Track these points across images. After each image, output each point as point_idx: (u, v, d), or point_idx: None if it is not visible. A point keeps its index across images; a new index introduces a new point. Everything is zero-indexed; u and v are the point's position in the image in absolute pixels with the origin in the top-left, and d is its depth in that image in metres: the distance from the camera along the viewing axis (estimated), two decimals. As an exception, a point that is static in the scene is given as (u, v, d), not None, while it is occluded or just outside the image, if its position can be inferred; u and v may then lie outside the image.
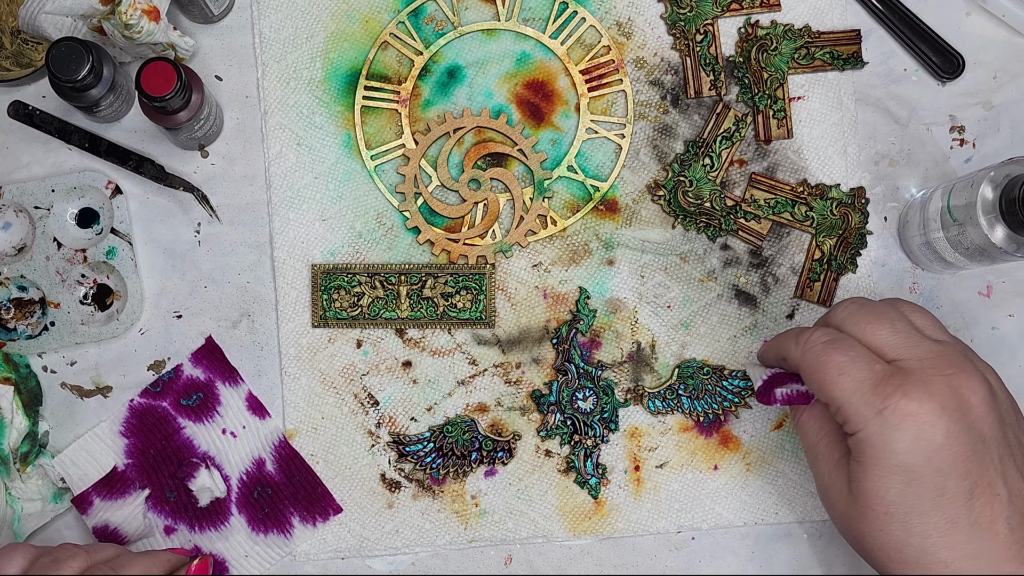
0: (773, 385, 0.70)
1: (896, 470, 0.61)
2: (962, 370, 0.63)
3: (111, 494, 0.77)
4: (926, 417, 0.61)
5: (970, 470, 0.61)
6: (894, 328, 0.65)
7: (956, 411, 0.61)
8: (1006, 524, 0.61)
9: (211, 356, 0.78)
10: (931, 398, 0.61)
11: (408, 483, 0.78)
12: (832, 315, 0.68)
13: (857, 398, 0.62)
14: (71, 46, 0.71)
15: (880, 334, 0.65)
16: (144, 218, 0.79)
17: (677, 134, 0.80)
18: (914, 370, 0.62)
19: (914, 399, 0.61)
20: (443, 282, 0.79)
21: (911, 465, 0.61)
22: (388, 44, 0.80)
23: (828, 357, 0.64)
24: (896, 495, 0.62)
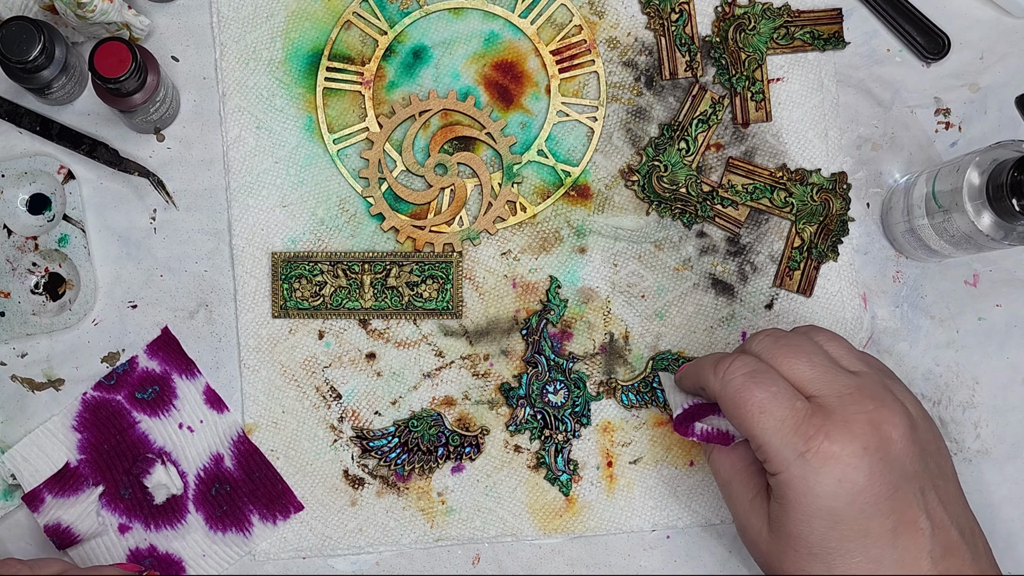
0: (693, 417, 0.69)
1: (820, 513, 0.61)
2: (883, 404, 0.63)
3: (63, 491, 0.75)
4: (848, 459, 0.61)
5: (893, 508, 0.62)
6: (811, 362, 0.64)
7: (878, 450, 0.61)
8: (929, 558, 0.62)
9: (167, 348, 0.77)
10: (853, 439, 0.61)
11: (372, 480, 0.77)
12: (749, 346, 0.67)
13: (778, 439, 0.62)
14: (21, 25, 0.70)
15: (798, 368, 0.64)
16: (98, 204, 0.77)
17: (651, 117, 0.79)
18: (835, 409, 0.62)
19: (836, 441, 0.61)
20: (408, 271, 0.77)
21: (834, 508, 0.61)
22: (351, 23, 0.78)
23: (749, 393, 0.63)
24: (819, 537, 0.62)
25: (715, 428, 0.69)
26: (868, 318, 0.79)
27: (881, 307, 0.79)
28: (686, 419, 0.69)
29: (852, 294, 0.79)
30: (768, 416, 0.62)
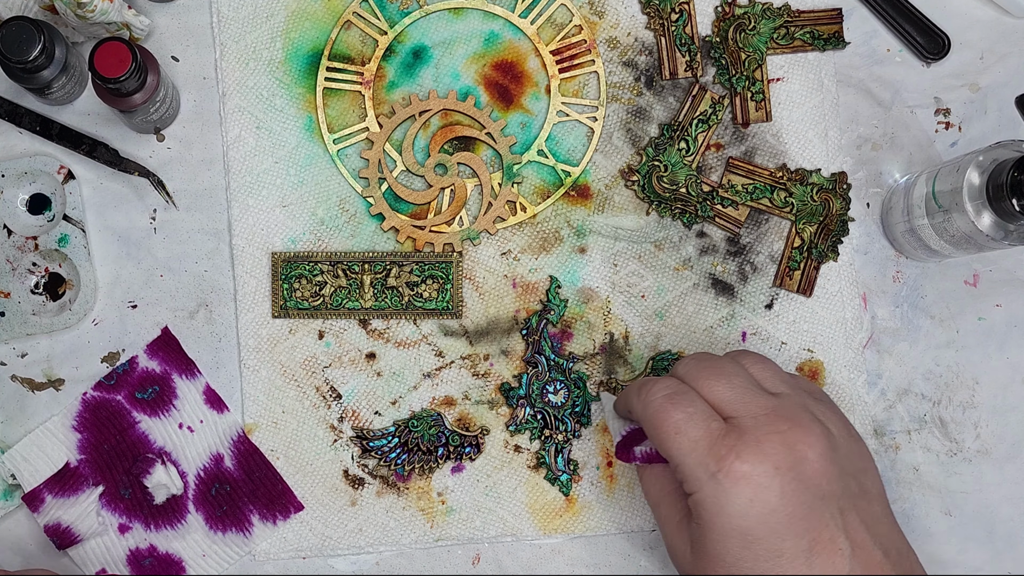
0: (631, 443, 0.71)
1: (732, 533, 0.62)
2: (798, 424, 0.63)
3: (63, 491, 0.76)
4: (760, 479, 0.61)
5: (808, 528, 0.62)
6: (731, 383, 0.65)
7: (790, 470, 0.62)
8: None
9: (167, 348, 0.78)
10: (764, 459, 0.61)
11: (372, 480, 0.78)
12: (675, 369, 0.68)
13: (692, 459, 0.63)
14: (21, 25, 0.70)
15: (717, 389, 0.65)
16: (98, 204, 0.78)
17: (651, 117, 0.80)
18: (748, 429, 0.63)
19: (747, 461, 0.61)
20: (408, 271, 0.78)
21: (746, 528, 0.61)
22: (351, 23, 0.79)
23: (666, 414, 0.64)
24: (734, 558, 0.62)
25: (652, 449, 0.69)
26: (868, 318, 0.80)
27: (881, 307, 0.80)
28: (626, 445, 0.71)
29: (852, 294, 0.80)
30: (683, 436, 0.63)
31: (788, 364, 0.79)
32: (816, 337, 0.80)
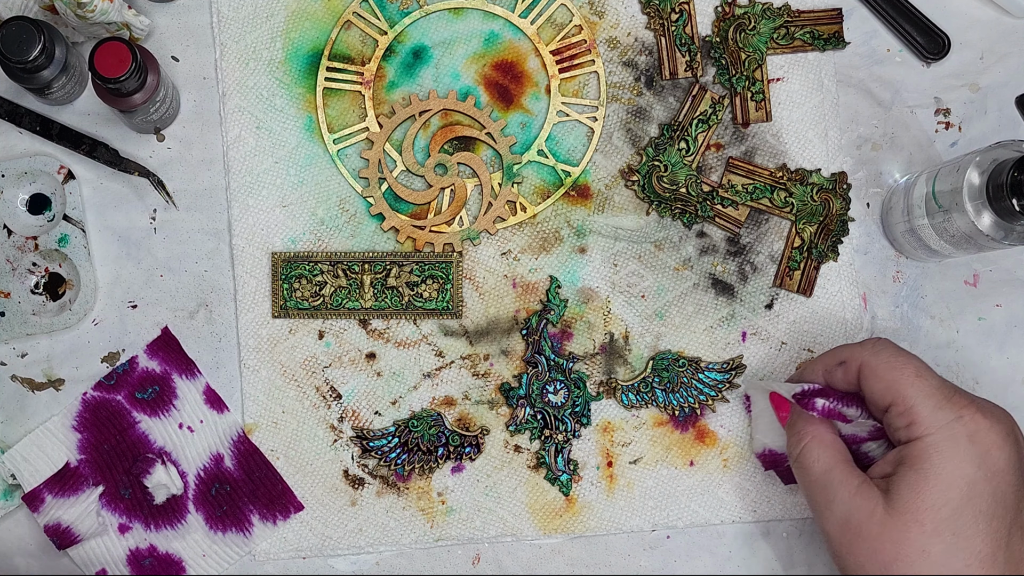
0: (813, 395, 0.71)
1: (959, 482, 0.63)
2: (1005, 412, 0.67)
3: (63, 491, 0.77)
4: (995, 438, 0.64)
5: (1015, 504, 0.64)
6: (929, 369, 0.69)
7: (1015, 444, 0.65)
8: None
9: (167, 348, 0.78)
10: (998, 422, 0.65)
11: (372, 480, 0.78)
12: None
13: (932, 403, 0.65)
14: (22, 25, 0.71)
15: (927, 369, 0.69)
16: (98, 204, 0.79)
17: (651, 117, 0.80)
18: (978, 399, 0.66)
19: (987, 418, 0.65)
20: (408, 271, 0.79)
21: (974, 480, 0.63)
22: (351, 23, 0.80)
23: (906, 359, 0.67)
24: (951, 511, 0.63)
25: (835, 407, 0.71)
26: (868, 318, 0.80)
27: (881, 307, 0.81)
28: (807, 397, 0.71)
29: (852, 294, 0.80)
30: (924, 381, 0.66)
31: (788, 364, 0.80)
32: (816, 337, 0.80)
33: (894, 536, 0.64)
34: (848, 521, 0.66)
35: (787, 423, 0.72)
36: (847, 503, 0.66)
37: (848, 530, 0.66)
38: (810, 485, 0.69)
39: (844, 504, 0.67)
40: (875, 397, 0.68)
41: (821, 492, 0.68)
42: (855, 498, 0.66)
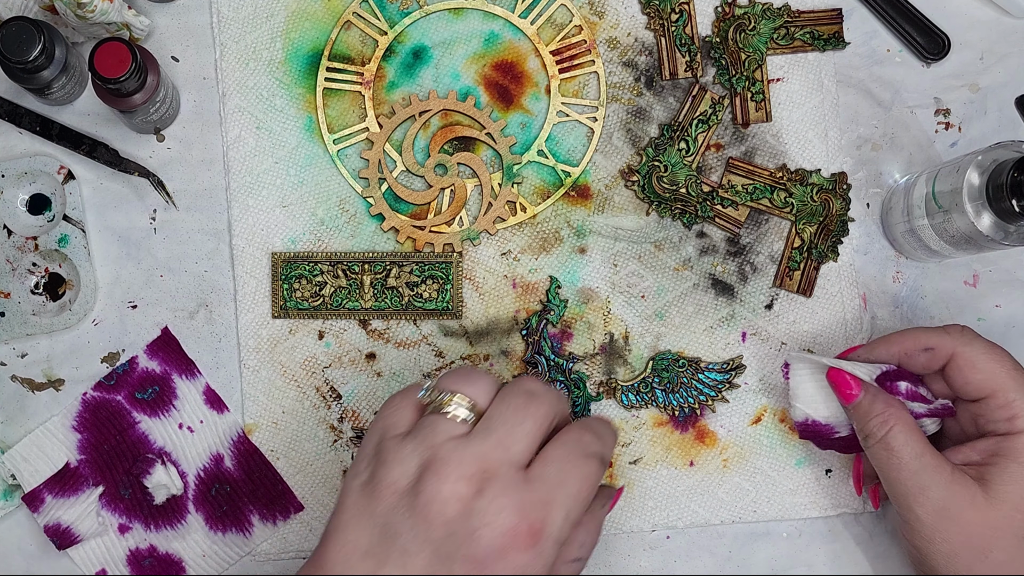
0: (894, 378, 0.71)
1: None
2: None
3: (63, 491, 0.77)
4: None
5: None
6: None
7: None
8: None
9: (167, 348, 0.78)
10: None
11: (372, 480, 0.78)
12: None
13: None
14: (21, 26, 0.71)
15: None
16: (98, 204, 0.79)
17: (651, 117, 0.81)
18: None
19: None
20: (408, 271, 0.79)
21: None
22: (351, 24, 0.80)
23: (1001, 351, 0.69)
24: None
25: (918, 391, 0.71)
26: (868, 318, 0.81)
27: (881, 307, 0.81)
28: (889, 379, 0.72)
29: (852, 294, 0.81)
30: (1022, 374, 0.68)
31: (788, 364, 0.80)
32: (816, 337, 0.80)
33: (995, 523, 0.67)
34: (947, 508, 0.68)
35: (856, 402, 0.71)
36: (944, 489, 0.68)
37: (946, 516, 0.68)
38: (899, 469, 0.69)
39: (941, 490, 0.68)
40: (969, 387, 0.69)
41: (913, 478, 0.69)
42: (952, 485, 0.68)
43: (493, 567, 0.57)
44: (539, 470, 0.59)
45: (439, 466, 0.58)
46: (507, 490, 0.58)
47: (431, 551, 0.57)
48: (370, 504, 0.59)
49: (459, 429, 0.59)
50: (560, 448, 0.60)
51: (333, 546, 0.59)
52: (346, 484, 0.60)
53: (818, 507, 0.79)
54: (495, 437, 0.59)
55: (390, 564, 0.57)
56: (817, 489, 0.79)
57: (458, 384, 0.61)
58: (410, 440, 0.59)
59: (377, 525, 0.58)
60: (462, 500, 0.57)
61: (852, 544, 0.80)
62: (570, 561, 0.62)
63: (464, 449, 0.58)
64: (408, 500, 0.58)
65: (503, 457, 0.58)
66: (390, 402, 0.62)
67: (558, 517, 0.58)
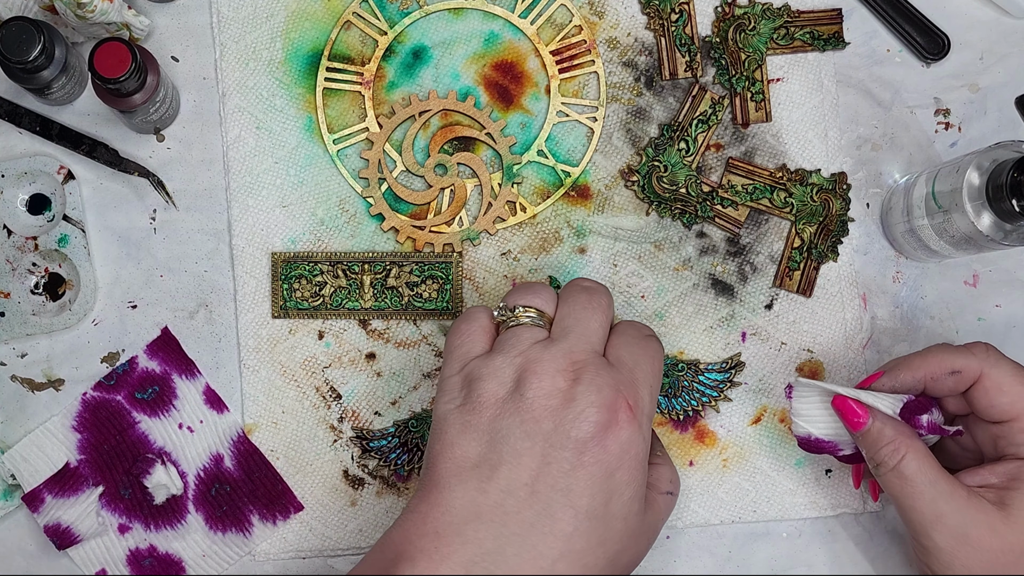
0: (916, 410, 0.70)
1: None
2: None
3: (63, 491, 0.77)
4: None
5: None
6: None
7: None
8: None
9: (167, 348, 0.79)
10: None
11: (372, 480, 0.79)
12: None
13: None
14: (21, 26, 0.71)
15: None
16: (97, 204, 0.79)
17: (651, 117, 0.81)
18: None
19: None
20: (408, 271, 0.79)
21: None
22: (351, 24, 0.80)
23: (1020, 368, 0.69)
24: None
25: (938, 422, 0.71)
26: (868, 318, 0.81)
27: (881, 307, 0.81)
28: (911, 414, 0.70)
29: (852, 294, 0.81)
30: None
31: (788, 365, 0.80)
32: (816, 337, 0.81)
33: (1014, 548, 0.66)
34: (965, 534, 0.67)
35: (864, 431, 0.70)
36: (961, 515, 0.67)
37: (964, 543, 0.67)
38: (914, 497, 0.68)
39: (959, 516, 0.67)
40: (994, 410, 0.69)
41: (928, 505, 0.68)
42: (969, 510, 0.67)
43: (602, 445, 0.62)
44: (614, 355, 0.66)
45: (534, 366, 0.63)
46: (600, 373, 0.63)
47: (542, 445, 0.62)
48: (472, 419, 0.63)
49: (539, 335, 0.66)
50: (622, 336, 0.67)
51: (443, 465, 0.63)
52: (439, 411, 0.65)
53: (818, 507, 0.80)
54: (574, 334, 0.65)
55: (504, 467, 0.62)
56: (817, 489, 0.80)
57: (524, 298, 0.67)
58: (497, 355, 0.65)
59: (484, 435, 0.63)
60: (563, 391, 0.63)
61: (852, 544, 0.80)
62: (664, 493, 0.67)
63: (551, 348, 0.64)
64: (512, 405, 0.63)
65: (586, 348, 0.65)
66: (459, 330, 0.67)
67: (644, 393, 0.65)
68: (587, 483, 0.61)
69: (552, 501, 0.61)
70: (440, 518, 0.61)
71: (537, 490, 0.61)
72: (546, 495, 0.61)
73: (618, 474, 0.62)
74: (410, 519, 0.63)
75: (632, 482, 0.63)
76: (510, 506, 0.61)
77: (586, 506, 0.61)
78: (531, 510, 0.61)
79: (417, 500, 0.63)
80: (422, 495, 0.63)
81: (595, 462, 0.62)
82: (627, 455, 0.62)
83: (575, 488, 0.61)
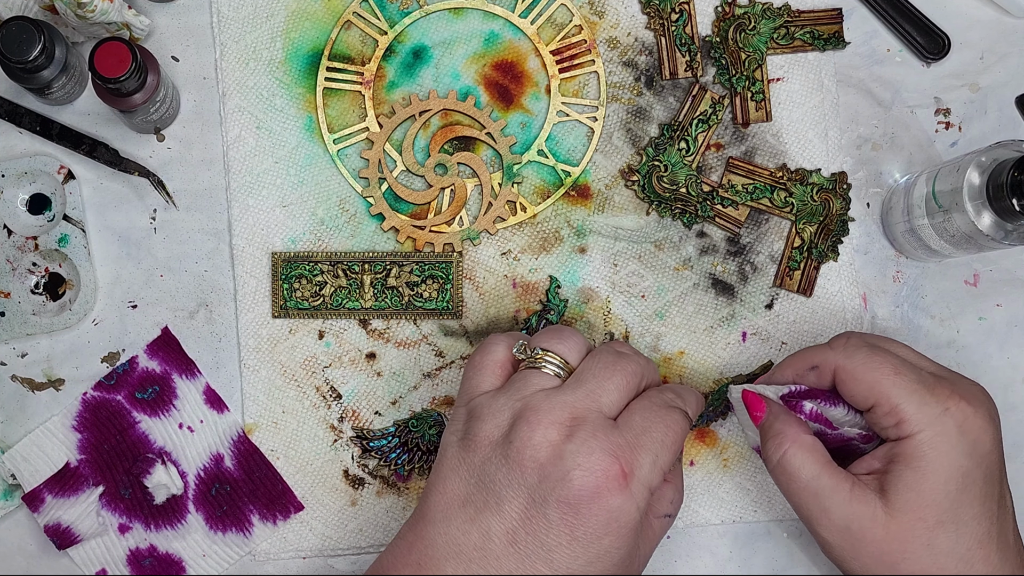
0: (800, 397, 0.70)
1: (955, 473, 0.64)
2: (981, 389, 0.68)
3: (63, 491, 0.77)
4: (980, 422, 0.65)
5: (999, 479, 0.66)
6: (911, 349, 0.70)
7: (996, 421, 0.66)
8: (1013, 534, 0.65)
9: (167, 348, 0.79)
10: (980, 405, 0.65)
11: (372, 480, 0.79)
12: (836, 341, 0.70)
13: (917, 398, 0.65)
14: (22, 25, 0.71)
15: (903, 351, 0.69)
16: (98, 204, 0.79)
17: (651, 117, 0.81)
18: (955, 381, 0.66)
19: (970, 404, 0.65)
20: (408, 271, 0.79)
21: (968, 468, 0.64)
22: (351, 23, 0.80)
23: (881, 357, 0.66)
24: (951, 501, 0.64)
25: (820, 411, 0.69)
26: (868, 318, 0.81)
27: (881, 307, 0.81)
28: (794, 398, 0.70)
29: (852, 294, 0.81)
30: (903, 377, 0.65)
31: (788, 364, 0.81)
32: (816, 337, 0.81)
33: (900, 536, 0.64)
34: (849, 528, 0.66)
35: (760, 424, 0.70)
36: (845, 509, 0.66)
37: (850, 536, 0.66)
38: (798, 493, 0.67)
39: (841, 510, 0.66)
40: (856, 400, 0.67)
41: (813, 500, 0.67)
42: (852, 503, 0.65)
43: (588, 510, 0.60)
44: (625, 419, 0.64)
45: (530, 414, 0.62)
46: (596, 433, 0.61)
47: (526, 496, 0.61)
48: (467, 456, 0.63)
49: (550, 382, 0.65)
50: (643, 400, 0.65)
51: (434, 498, 0.64)
52: (444, 441, 0.66)
53: (818, 507, 0.80)
54: (585, 388, 0.64)
55: (488, 511, 0.61)
56: (817, 489, 0.80)
57: (550, 342, 0.66)
58: (502, 394, 0.64)
59: (474, 475, 0.62)
60: (553, 445, 0.61)
61: (852, 544, 0.80)
62: (661, 517, 0.66)
63: (554, 398, 0.63)
64: (502, 449, 0.62)
65: (592, 406, 0.63)
66: (472, 362, 0.67)
67: (646, 461, 0.62)
68: (568, 544, 0.61)
69: (531, 554, 0.61)
70: (424, 551, 0.62)
71: (517, 540, 0.61)
72: (526, 546, 0.61)
73: (605, 540, 0.61)
74: (399, 546, 0.64)
75: (620, 547, 0.62)
76: (490, 550, 0.61)
77: (566, 566, 0.61)
78: (510, 559, 0.61)
79: (407, 527, 0.65)
80: (411, 523, 0.64)
81: (579, 525, 0.60)
82: (614, 523, 0.61)
83: (555, 547, 0.61)
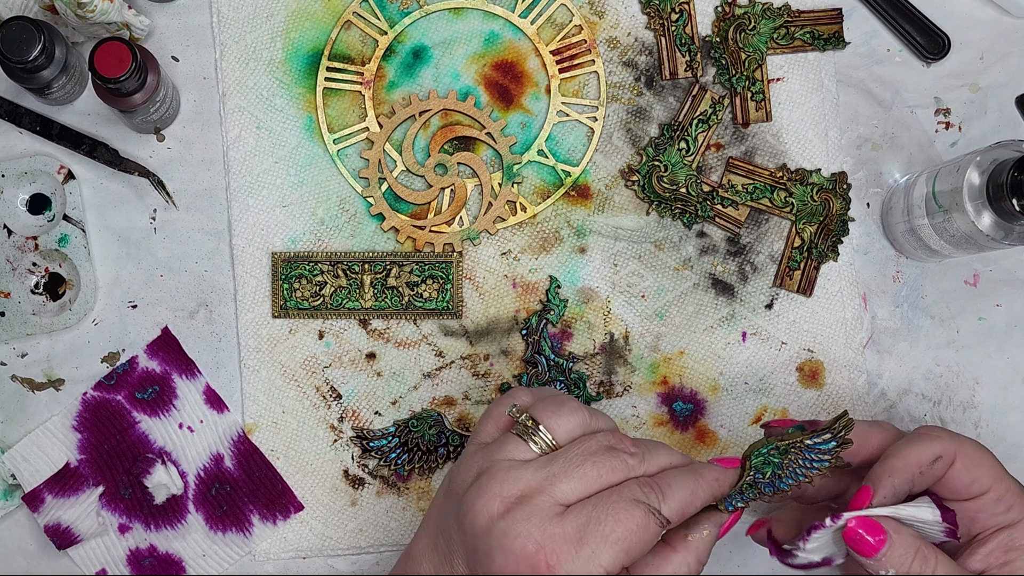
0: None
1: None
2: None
3: (63, 491, 0.78)
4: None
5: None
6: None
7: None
8: None
9: (167, 348, 0.79)
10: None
11: (372, 480, 0.79)
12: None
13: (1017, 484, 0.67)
14: (22, 25, 0.72)
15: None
16: (98, 204, 0.80)
17: (651, 117, 0.81)
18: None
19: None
20: (408, 271, 0.80)
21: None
22: (351, 23, 0.81)
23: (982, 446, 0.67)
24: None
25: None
26: (868, 318, 0.81)
27: (881, 307, 0.82)
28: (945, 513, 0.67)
29: (852, 294, 0.81)
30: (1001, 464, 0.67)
31: (788, 364, 0.81)
32: (816, 337, 0.81)
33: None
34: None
35: (884, 551, 0.64)
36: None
37: None
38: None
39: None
40: (973, 485, 0.66)
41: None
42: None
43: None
44: (579, 507, 0.59)
45: (484, 480, 0.60)
46: (532, 518, 0.58)
47: (464, 557, 0.61)
48: (444, 502, 0.63)
49: (525, 454, 0.62)
50: (608, 491, 0.60)
51: (419, 534, 0.65)
52: (445, 477, 0.66)
53: (818, 507, 0.80)
54: (548, 471, 0.60)
55: (447, 564, 0.62)
56: (817, 489, 0.80)
57: (544, 413, 0.63)
58: (482, 450, 0.63)
59: (441, 523, 0.63)
60: (489, 517, 0.59)
61: (852, 544, 0.80)
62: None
63: (513, 471, 0.60)
64: (451, 504, 0.62)
65: (545, 488, 0.59)
66: (489, 410, 0.66)
67: (581, 555, 0.58)
68: None
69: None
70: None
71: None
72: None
73: None
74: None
75: None
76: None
77: None
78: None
79: (399, 561, 0.66)
80: (401, 559, 0.66)
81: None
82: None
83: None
